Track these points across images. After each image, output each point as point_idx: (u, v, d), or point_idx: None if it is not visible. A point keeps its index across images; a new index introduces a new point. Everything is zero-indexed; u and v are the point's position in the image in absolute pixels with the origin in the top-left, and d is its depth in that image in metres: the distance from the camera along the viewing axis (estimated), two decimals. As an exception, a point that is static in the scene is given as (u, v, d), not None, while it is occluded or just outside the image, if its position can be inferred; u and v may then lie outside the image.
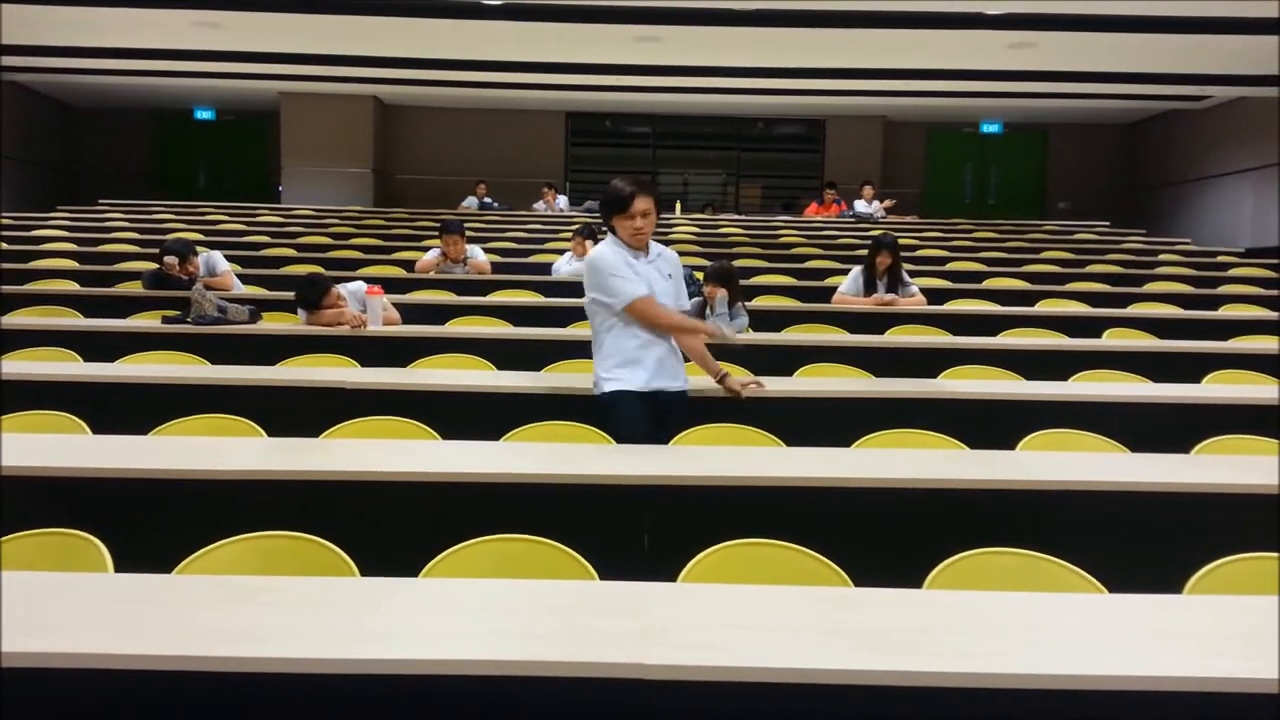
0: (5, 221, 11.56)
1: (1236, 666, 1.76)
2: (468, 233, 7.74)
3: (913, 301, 6.48)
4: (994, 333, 6.02)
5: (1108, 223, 13.99)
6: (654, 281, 3.77)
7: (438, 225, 7.78)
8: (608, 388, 3.74)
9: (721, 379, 3.98)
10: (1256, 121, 12.80)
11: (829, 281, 7.62)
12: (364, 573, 2.29)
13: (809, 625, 1.92)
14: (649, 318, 3.71)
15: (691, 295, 5.16)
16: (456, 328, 5.73)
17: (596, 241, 7.67)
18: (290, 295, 5.52)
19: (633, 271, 3.72)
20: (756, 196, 17.26)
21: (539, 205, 14.07)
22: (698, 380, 3.98)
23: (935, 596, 2.19)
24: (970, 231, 12.62)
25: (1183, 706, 1.76)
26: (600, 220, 3.98)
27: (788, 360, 4.95)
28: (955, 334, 5.97)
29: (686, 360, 3.95)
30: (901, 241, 6.92)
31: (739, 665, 1.76)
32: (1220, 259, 11.05)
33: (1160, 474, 3.09)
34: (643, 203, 3.70)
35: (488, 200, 14.23)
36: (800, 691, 1.77)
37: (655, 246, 3.88)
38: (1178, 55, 10.79)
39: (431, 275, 7.57)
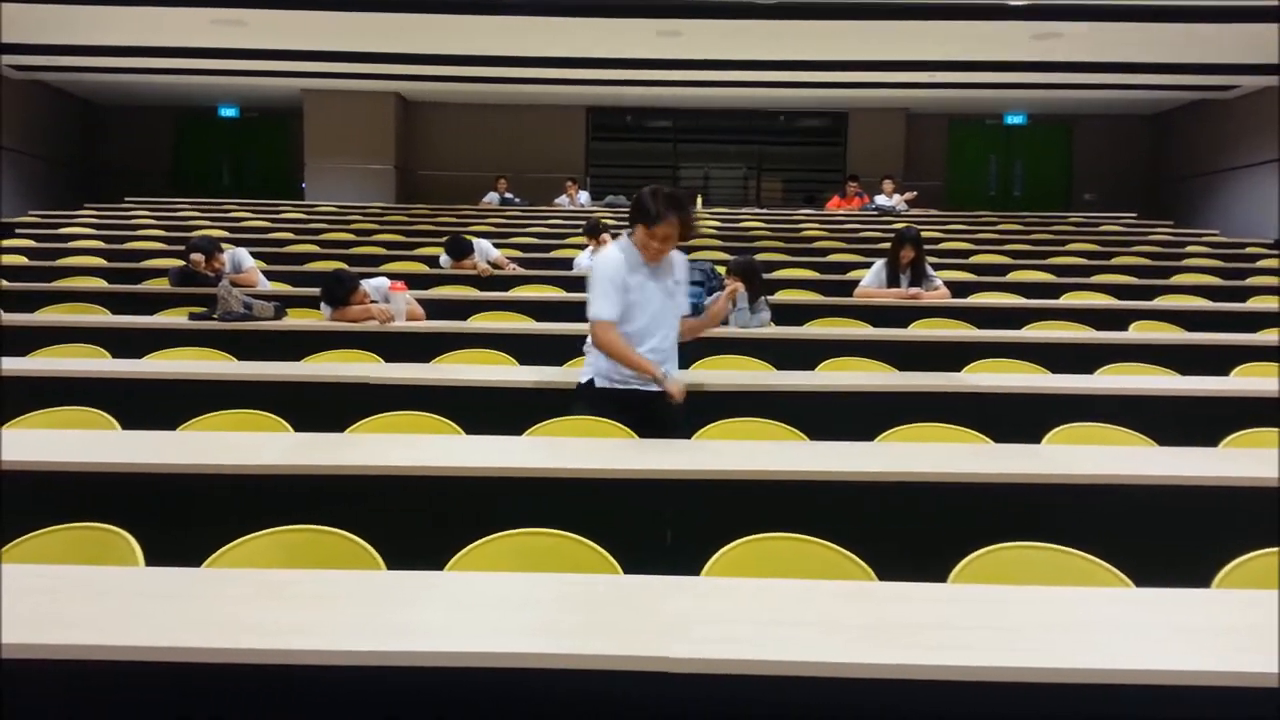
0: (33, 219, 11.71)
1: (1265, 661, 1.75)
2: (480, 230, 7.76)
3: (936, 295, 6.45)
4: (1019, 326, 5.99)
5: (1134, 214, 13.84)
6: (649, 298, 3.66)
7: (458, 222, 7.81)
8: (582, 377, 3.80)
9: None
10: (1285, 111, 12.62)
11: (851, 275, 7.59)
12: (390, 566, 2.31)
13: (832, 620, 1.92)
14: (602, 343, 3.66)
15: (711, 290, 5.16)
16: (479, 323, 5.76)
17: (601, 234, 7.69)
18: (315, 291, 5.56)
19: (624, 291, 3.63)
20: (778, 190, 17.18)
21: (561, 200, 14.06)
22: (718, 374, 3.97)
23: (960, 591, 2.19)
24: (994, 224, 12.52)
25: (1210, 701, 1.75)
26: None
27: (810, 354, 4.94)
28: (979, 327, 5.93)
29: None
30: (925, 234, 6.86)
31: (762, 659, 1.77)
32: (1249, 250, 10.92)
33: (1187, 468, 3.06)
34: (667, 227, 3.58)
35: (509, 195, 14.24)
36: (823, 686, 1.77)
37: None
38: (1204, 45, 10.64)
39: (449, 270, 7.63)
